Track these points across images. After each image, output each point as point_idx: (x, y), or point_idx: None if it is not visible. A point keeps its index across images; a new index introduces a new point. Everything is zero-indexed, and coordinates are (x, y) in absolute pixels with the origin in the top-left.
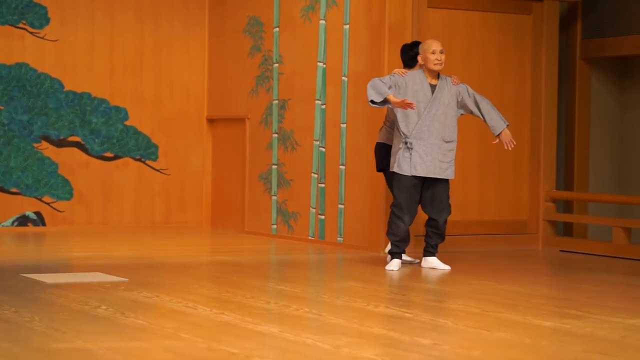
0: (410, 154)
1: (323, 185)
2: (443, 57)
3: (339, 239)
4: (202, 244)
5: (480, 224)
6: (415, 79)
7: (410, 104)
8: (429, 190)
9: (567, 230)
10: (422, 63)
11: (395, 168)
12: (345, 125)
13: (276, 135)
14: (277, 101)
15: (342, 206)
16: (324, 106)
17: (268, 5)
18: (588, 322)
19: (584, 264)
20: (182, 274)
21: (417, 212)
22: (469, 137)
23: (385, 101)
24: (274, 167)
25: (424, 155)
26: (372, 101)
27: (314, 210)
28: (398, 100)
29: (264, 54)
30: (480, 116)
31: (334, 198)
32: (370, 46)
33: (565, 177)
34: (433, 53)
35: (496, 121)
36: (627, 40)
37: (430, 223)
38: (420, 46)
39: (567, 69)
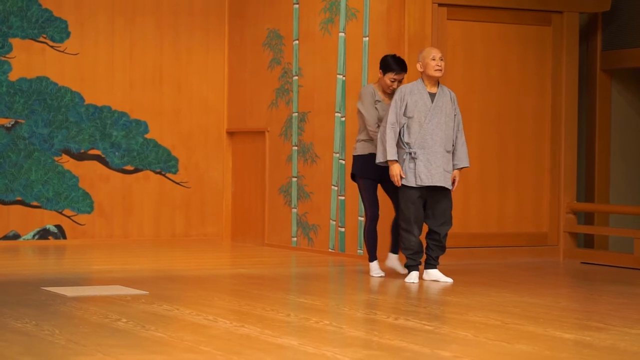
0: (415, 164)
1: (343, 197)
2: (443, 63)
3: (359, 251)
4: (222, 257)
5: (500, 236)
6: (414, 88)
7: (398, 181)
8: (431, 201)
9: (588, 242)
10: (422, 70)
11: (402, 180)
12: None
13: (296, 147)
14: (296, 114)
15: (362, 218)
16: (343, 119)
17: (287, 18)
18: (609, 334)
19: (605, 276)
20: (202, 287)
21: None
22: (487, 149)
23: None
24: (294, 179)
25: (428, 165)
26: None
27: (334, 222)
28: (395, 172)
29: (284, 66)
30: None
31: (354, 210)
32: None
33: (586, 188)
34: (433, 59)
35: (464, 156)
36: None
37: (432, 236)
38: (419, 54)
39: (587, 80)
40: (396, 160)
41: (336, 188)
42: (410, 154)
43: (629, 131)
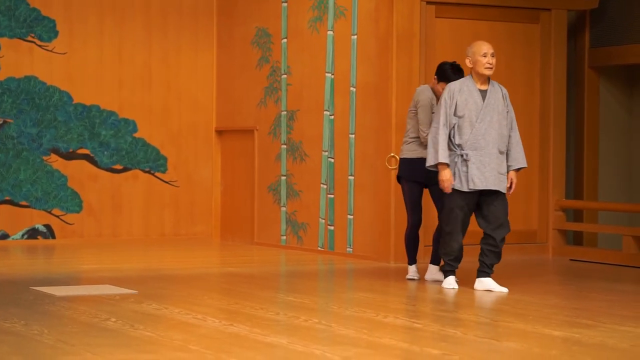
0: (467, 166)
1: (332, 196)
2: (494, 60)
3: (348, 249)
4: (211, 256)
5: None
6: (463, 86)
7: (449, 187)
8: (485, 204)
9: (577, 239)
10: (471, 66)
11: (455, 185)
12: (353, 135)
13: (285, 146)
14: (285, 112)
15: (351, 217)
16: (332, 117)
17: (276, 17)
18: (598, 331)
19: (594, 273)
20: (191, 286)
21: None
22: None
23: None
24: (283, 178)
25: (482, 167)
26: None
27: (323, 221)
28: (446, 177)
29: (272, 65)
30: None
31: (343, 209)
32: (378, 56)
33: (575, 185)
34: (484, 56)
35: (521, 156)
36: (636, 48)
37: (487, 240)
38: (469, 48)
39: (576, 78)
40: (447, 165)
41: (325, 186)
42: (461, 156)
43: (617, 128)
